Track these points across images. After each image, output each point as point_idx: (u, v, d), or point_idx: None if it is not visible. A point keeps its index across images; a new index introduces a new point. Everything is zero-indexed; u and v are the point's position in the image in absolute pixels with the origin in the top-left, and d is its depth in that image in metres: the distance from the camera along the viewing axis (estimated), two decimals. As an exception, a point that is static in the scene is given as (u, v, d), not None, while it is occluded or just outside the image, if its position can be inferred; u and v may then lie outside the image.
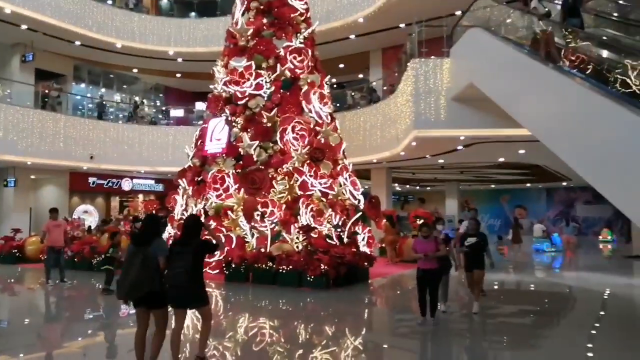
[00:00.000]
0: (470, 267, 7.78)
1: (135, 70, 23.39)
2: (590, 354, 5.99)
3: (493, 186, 32.87)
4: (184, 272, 4.68)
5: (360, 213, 13.34)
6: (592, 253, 21.40)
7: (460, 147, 14.92)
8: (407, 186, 32.64)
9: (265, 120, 13.12)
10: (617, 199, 6.05)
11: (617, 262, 17.59)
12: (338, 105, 18.40)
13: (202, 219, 9.15)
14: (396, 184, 29.30)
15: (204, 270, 4.99)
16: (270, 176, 12.56)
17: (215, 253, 10.82)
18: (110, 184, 21.73)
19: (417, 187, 33.74)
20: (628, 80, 6.75)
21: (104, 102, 21.14)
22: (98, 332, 7.32)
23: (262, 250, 11.47)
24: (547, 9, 8.40)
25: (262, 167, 12.62)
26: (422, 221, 10.26)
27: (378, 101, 17.34)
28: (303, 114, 13.31)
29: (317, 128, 13.41)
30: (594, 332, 7.24)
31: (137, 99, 23.15)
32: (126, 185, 22.20)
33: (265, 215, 12.04)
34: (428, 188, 33.75)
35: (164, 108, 24.21)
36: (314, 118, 13.44)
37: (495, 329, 7.44)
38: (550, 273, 14.59)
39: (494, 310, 8.44)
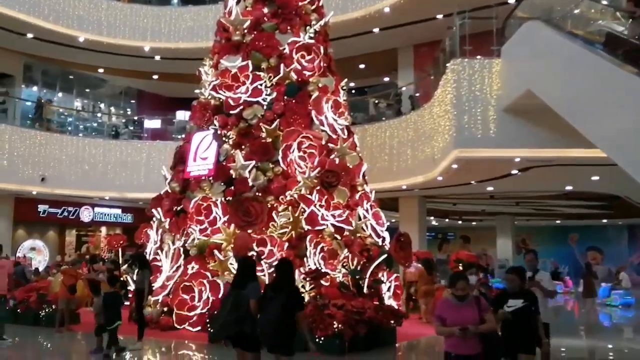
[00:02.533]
0: (513, 348, 6.09)
1: (101, 71, 23.84)
2: None
3: (558, 222, 32.63)
4: (275, 320, 5.82)
5: (385, 255, 13.29)
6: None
7: (515, 172, 14.92)
8: (447, 220, 32.53)
9: (264, 135, 13.25)
10: None
11: None
12: (357, 116, 18.53)
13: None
14: (432, 218, 29.20)
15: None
16: (269, 206, 12.60)
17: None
18: (65, 214, 21.96)
19: (460, 222, 33.62)
20: None
21: (42, 105, 20.96)
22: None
23: (258, 301, 11.43)
24: None
25: (260, 195, 12.69)
26: (455, 270, 10.03)
27: (409, 112, 17.45)
28: (312, 127, 13.43)
29: (331, 145, 13.50)
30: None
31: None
32: (86, 215, 22.41)
33: (263, 257, 12.04)
34: (474, 223, 33.61)
35: (135, 118, 24.58)
36: (326, 132, 13.55)
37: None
38: (635, 338, 14.32)
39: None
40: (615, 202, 21.74)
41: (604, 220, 30.92)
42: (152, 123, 23.31)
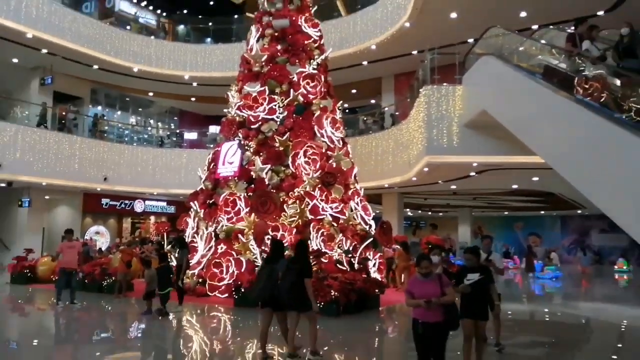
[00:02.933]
0: (471, 314, 5.86)
1: (150, 94, 23.84)
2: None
3: (506, 213, 32.58)
4: (289, 284, 6.20)
5: (371, 238, 13.27)
6: (608, 283, 20.96)
7: (473, 174, 14.88)
8: (419, 211, 32.46)
9: (277, 144, 13.25)
10: (632, 228, 5.97)
11: (635, 292, 17.19)
12: (350, 130, 18.52)
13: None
14: (408, 209, 29.16)
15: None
16: (281, 200, 12.59)
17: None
18: (122, 206, 21.94)
19: (429, 213, 33.54)
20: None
21: (97, 120, 20.90)
22: (106, 355, 7.30)
23: (272, 274, 11.39)
24: (601, 51, 7.49)
25: (274, 191, 12.68)
26: (424, 251, 9.86)
27: (390, 127, 17.42)
28: (315, 139, 13.42)
29: (329, 152, 13.50)
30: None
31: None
32: (138, 206, 22.39)
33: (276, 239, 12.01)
34: (440, 214, 33.54)
35: (177, 131, 24.57)
36: (326, 142, 13.54)
37: (508, 360, 7.27)
38: (564, 303, 14.28)
39: (507, 341, 8.26)
40: (550, 198, 21.70)
41: (542, 212, 30.85)
42: (190, 135, 23.28)
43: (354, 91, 22.02)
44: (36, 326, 9.71)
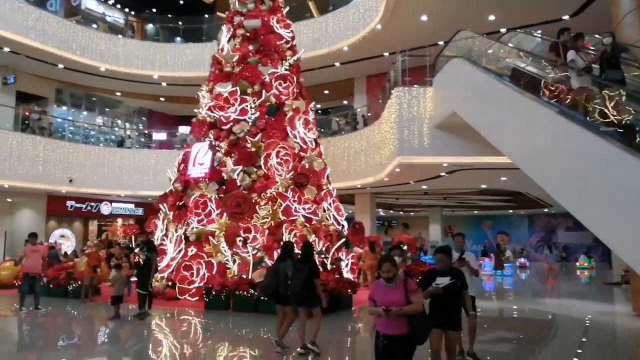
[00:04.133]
0: (440, 324, 5.00)
1: (118, 94, 23.36)
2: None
3: (476, 212, 33.22)
4: (300, 283, 6.61)
5: (343, 239, 13.32)
6: (573, 280, 21.62)
7: (443, 174, 15.11)
8: (391, 211, 32.80)
9: (249, 145, 13.16)
10: (595, 226, 6.18)
11: (597, 289, 17.78)
12: (322, 130, 18.57)
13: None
14: (380, 209, 29.42)
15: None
16: (254, 201, 12.51)
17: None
18: (89, 208, 21.41)
19: (401, 213, 33.93)
20: (605, 111, 6.99)
21: (41, 116, 19.26)
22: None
23: (244, 276, 11.32)
24: (586, 62, 7.24)
25: (246, 192, 12.59)
26: (385, 253, 9.57)
27: (362, 128, 17.54)
28: (287, 140, 13.39)
29: (302, 153, 13.48)
30: (575, 359, 7.27)
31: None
32: (105, 209, 21.88)
33: (248, 241, 11.94)
34: (412, 213, 33.96)
35: (146, 131, 24.14)
36: (298, 143, 13.53)
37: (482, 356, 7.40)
38: (531, 300, 14.64)
39: (480, 337, 8.42)
40: (518, 197, 22.22)
41: (510, 211, 31.61)
42: (159, 136, 22.89)
43: (326, 92, 22.08)
44: (-2, 334, 9.37)
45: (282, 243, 8.49)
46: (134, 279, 11.55)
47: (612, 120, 6.58)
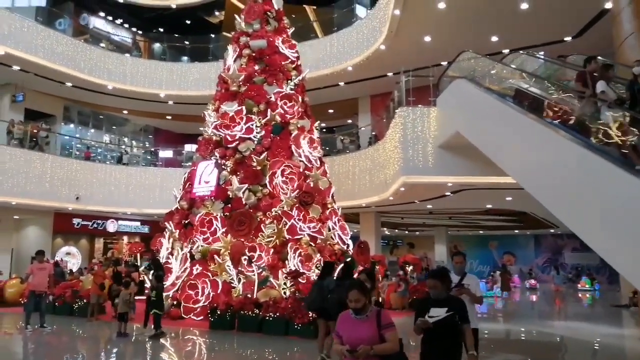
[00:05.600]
0: None
1: (125, 112, 23.65)
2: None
3: (481, 232, 33.09)
4: (338, 298, 6.67)
5: (349, 258, 13.32)
6: (580, 302, 21.43)
7: (448, 194, 15.16)
8: (396, 230, 32.71)
9: (254, 164, 13.29)
10: (602, 248, 6.22)
11: (605, 311, 17.61)
12: (327, 149, 18.73)
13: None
14: (385, 229, 29.37)
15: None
16: (258, 220, 12.59)
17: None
18: (95, 225, 21.54)
19: (406, 232, 33.82)
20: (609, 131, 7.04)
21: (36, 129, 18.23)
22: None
23: (249, 296, 11.33)
24: (617, 94, 6.71)
25: (251, 210, 12.67)
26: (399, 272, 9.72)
27: (367, 147, 17.66)
28: (293, 158, 13.52)
29: (307, 172, 13.59)
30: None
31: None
32: (111, 226, 22.00)
33: (253, 260, 11.98)
34: (417, 233, 33.85)
35: (152, 149, 24.38)
36: (303, 162, 13.64)
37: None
38: (538, 322, 14.54)
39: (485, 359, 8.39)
40: (524, 217, 22.17)
41: (516, 231, 31.42)
42: (166, 153, 23.11)
43: (331, 111, 22.29)
44: (3, 351, 9.41)
45: (323, 262, 9.56)
46: (138, 297, 11.60)
47: (616, 142, 6.67)
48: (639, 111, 6.28)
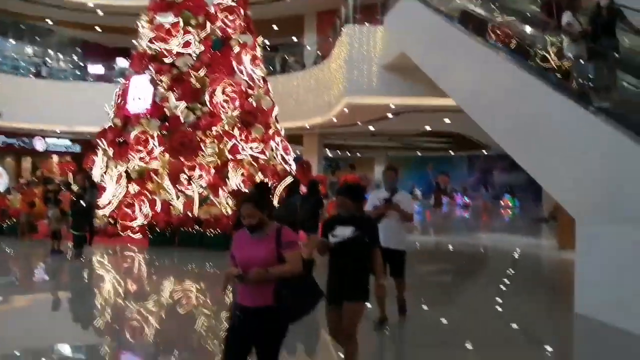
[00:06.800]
0: (336, 295, 3.51)
1: (49, 22, 21.53)
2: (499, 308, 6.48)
3: (419, 154, 34.10)
4: (307, 213, 7.25)
5: (291, 178, 13.36)
6: (503, 217, 23.09)
7: (390, 115, 15.28)
8: (339, 152, 33.11)
9: (193, 81, 12.64)
10: (533, 168, 6.52)
11: (526, 225, 19.11)
12: (271, 68, 18.10)
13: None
14: (328, 150, 29.61)
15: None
16: (198, 139, 12.20)
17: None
18: (20, 144, 20.19)
19: (348, 154, 34.32)
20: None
21: None
22: (12, 300, 6.92)
23: (189, 214, 11.23)
24: (583, 27, 6.18)
25: (190, 129, 12.23)
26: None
27: (311, 66, 17.24)
28: (234, 76, 12.96)
29: (249, 91, 13.13)
30: (503, 287, 7.84)
31: None
32: (39, 144, 20.73)
33: (193, 179, 11.75)
34: (358, 154, 34.43)
35: (81, 63, 22.62)
36: (245, 80, 13.13)
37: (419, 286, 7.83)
38: (466, 235, 15.52)
39: (418, 269, 8.88)
40: (457, 137, 22.93)
41: (451, 152, 32.67)
42: (96, 68, 21.47)
43: (275, 27, 21.33)
44: None
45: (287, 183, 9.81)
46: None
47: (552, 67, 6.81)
48: (600, 45, 5.95)
